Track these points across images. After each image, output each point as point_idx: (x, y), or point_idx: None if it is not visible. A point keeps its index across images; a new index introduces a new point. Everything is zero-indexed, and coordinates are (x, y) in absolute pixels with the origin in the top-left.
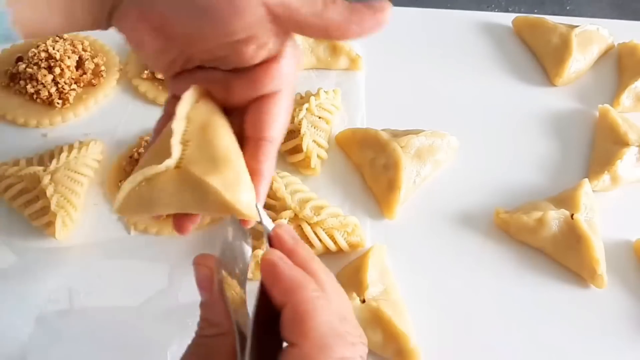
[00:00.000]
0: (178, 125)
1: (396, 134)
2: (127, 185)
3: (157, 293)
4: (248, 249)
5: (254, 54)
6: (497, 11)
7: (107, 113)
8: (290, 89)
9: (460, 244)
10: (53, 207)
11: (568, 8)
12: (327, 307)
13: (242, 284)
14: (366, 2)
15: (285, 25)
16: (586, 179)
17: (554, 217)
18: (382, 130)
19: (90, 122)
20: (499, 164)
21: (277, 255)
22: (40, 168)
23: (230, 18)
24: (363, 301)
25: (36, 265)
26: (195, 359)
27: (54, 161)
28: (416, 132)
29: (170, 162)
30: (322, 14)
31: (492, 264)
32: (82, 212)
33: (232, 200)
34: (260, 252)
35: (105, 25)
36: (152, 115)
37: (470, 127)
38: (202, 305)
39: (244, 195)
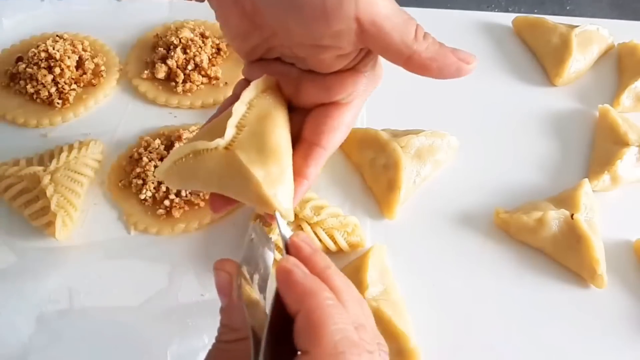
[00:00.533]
0: (239, 108)
1: (396, 134)
2: (175, 154)
3: (157, 293)
4: (270, 255)
5: (333, 62)
6: (497, 11)
7: (107, 113)
8: (359, 104)
9: (460, 244)
10: (53, 207)
11: (568, 8)
12: (342, 315)
13: (262, 289)
14: (457, 50)
15: (372, 44)
16: (586, 179)
17: (554, 217)
18: (382, 130)
19: (90, 122)
20: (499, 164)
21: (292, 262)
22: (40, 168)
23: (319, 22)
24: None
25: (36, 265)
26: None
27: (54, 161)
28: (416, 132)
29: (221, 142)
30: (411, 45)
31: (492, 264)
32: (82, 212)
33: (270, 195)
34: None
35: None
36: (152, 115)
37: (470, 127)
38: (222, 310)
39: (282, 192)
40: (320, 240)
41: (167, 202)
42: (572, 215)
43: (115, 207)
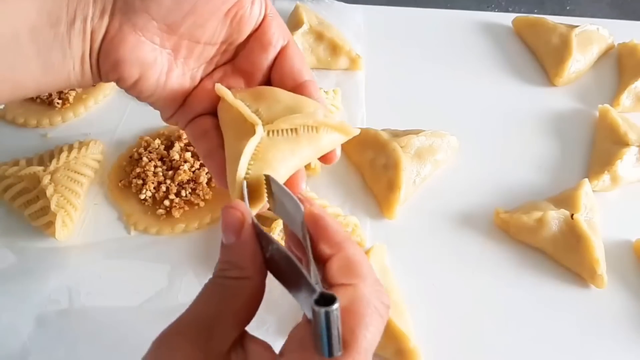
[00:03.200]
0: (238, 103)
1: (396, 134)
2: (240, 172)
3: (157, 293)
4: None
5: (250, 13)
6: (497, 11)
7: (107, 113)
8: (291, 37)
9: (460, 244)
10: (53, 207)
11: (568, 8)
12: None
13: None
14: None
15: None
16: (586, 179)
17: (554, 217)
18: (382, 130)
19: (90, 122)
20: (499, 164)
21: (321, 210)
22: (40, 168)
23: None
24: None
25: (36, 265)
26: (215, 298)
27: (54, 161)
28: (416, 132)
29: (259, 130)
30: None
31: (492, 264)
32: (82, 212)
33: (339, 123)
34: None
35: (96, 71)
36: (151, 116)
37: (470, 127)
38: (227, 247)
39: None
40: None
41: (167, 202)
42: (572, 215)
43: (115, 207)
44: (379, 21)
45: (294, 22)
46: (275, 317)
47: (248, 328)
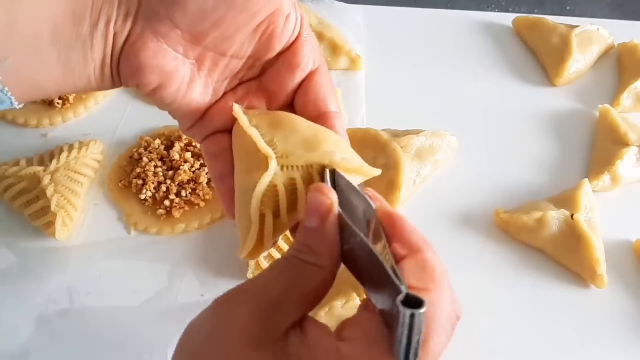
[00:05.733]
0: (252, 131)
1: (396, 134)
2: (253, 214)
3: (157, 293)
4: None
5: (282, 30)
6: (497, 11)
7: (107, 113)
8: (324, 63)
9: (460, 244)
10: (53, 207)
11: (568, 8)
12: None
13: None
14: None
15: None
16: (586, 179)
17: (554, 217)
18: (382, 130)
19: (90, 122)
20: (499, 164)
21: (395, 210)
22: (40, 168)
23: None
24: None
25: (36, 265)
26: (286, 277)
27: (54, 161)
28: (416, 132)
29: (272, 165)
30: None
31: (492, 264)
32: (82, 212)
33: (357, 166)
34: None
35: (116, 75)
36: (151, 116)
37: (470, 127)
38: (308, 230)
39: (356, 157)
40: None
41: (167, 202)
42: (572, 215)
43: (115, 207)
44: (379, 21)
45: None
46: None
47: None
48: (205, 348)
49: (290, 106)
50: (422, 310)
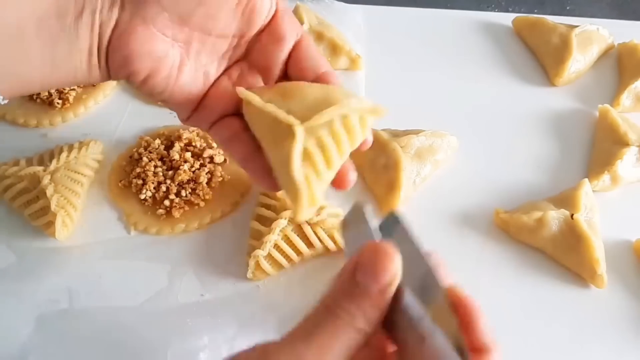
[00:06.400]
0: (270, 107)
1: (396, 134)
2: (297, 176)
3: (157, 293)
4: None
5: (262, 4)
6: (497, 11)
7: (107, 113)
8: (305, 32)
9: (460, 244)
10: (53, 207)
11: (568, 8)
12: None
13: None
14: None
15: None
16: (586, 179)
17: (554, 217)
18: (382, 130)
19: (90, 122)
20: (499, 164)
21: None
22: (40, 168)
23: None
24: None
25: (36, 265)
26: (341, 347)
27: (54, 161)
28: (416, 132)
29: (299, 132)
30: None
31: (492, 264)
32: (82, 212)
33: (372, 104)
34: (259, 252)
35: (105, 66)
36: (152, 115)
37: (470, 127)
38: (363, 291)
39: (368, 100)
40: (320, 240)
41: (167, 202)
42: (572, 215)
43: (115, 207)
44: (379, 21)
45: None
46: (275, 317)
47: (248, 326)
48: None
49: (285, 78)
50: None
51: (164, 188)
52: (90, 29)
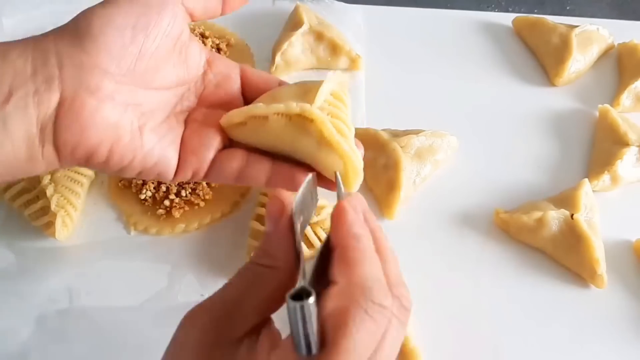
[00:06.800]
0: (272, 108)
1: (396, 134)
2: (345, 146)
3: (157, 293)
4: (315, 206)
5: (190, 47)
6: (497, 11)
7: None
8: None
9: (460, 244)
10: (53, 207)
11: (568, 8)
12: (376, 260)
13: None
14: None
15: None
16: (586, 179)
17: (554, 217)
18: (382, 130)
19: None
20: (499, 164)
21: (352, 203)
22: None
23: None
24: None
25: (36, 265)
26: (243, 283)
27: None
28: (416, 132)
29: (316, 104)
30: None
31: (492, 264)
32: (82, 212)
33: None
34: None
35: (53, 152)
36: None
37: (470, 127)
38: (265, 235)
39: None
40: (320, 240)
41: (167, 202)
42: (572, 215)
43: (115, 207)
44: (379, 21)
45: (293, 22)
46: (275, 317)
47: None
48: (169, 358)
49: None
50: (308, 301)
51: (164, 188)
52: (24, 113)
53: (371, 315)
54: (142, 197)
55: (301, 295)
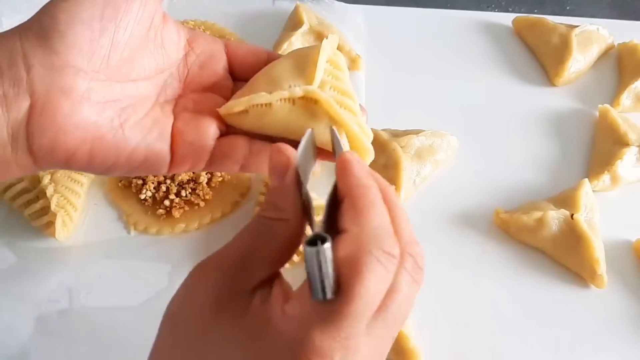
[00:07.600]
0: (275, 95)
1: (396, 134)
2: (354, 127)
3: (157, 293)
4: (315, 161)
5: (168, 32)
6: (497, 11)
7: None
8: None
9: (460, 244)
10: (53, 207)
11: (568, 8)
12: (385, 211)
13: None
14: None
15: None
16: (586, 179)
17: (554, 217)
18: (382, 130)
19: None
20: (499, 164)
21: (355, 156)
22: None
23: None
24: None
25: (36, 265)
26: (251, 236)
27: None
28: (416, 132)
29: (317, 79)
30: None
31: (492, 264)
32: (82, 212)
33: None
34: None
35: (27, 157)
36: None
37: (470, 127)
38: (271, 189)
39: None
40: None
41: (167, 202)
42: (572, 215)
43: (115, 207)
44: (379, 21)
45: (294, 22)
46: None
47: None
48: (180, 310)
49: (237, 82)
50: (325, 246)
51: (164, 188)
52: None
53: (382, 262)
54: (142, 197)
55: (316, 242)
